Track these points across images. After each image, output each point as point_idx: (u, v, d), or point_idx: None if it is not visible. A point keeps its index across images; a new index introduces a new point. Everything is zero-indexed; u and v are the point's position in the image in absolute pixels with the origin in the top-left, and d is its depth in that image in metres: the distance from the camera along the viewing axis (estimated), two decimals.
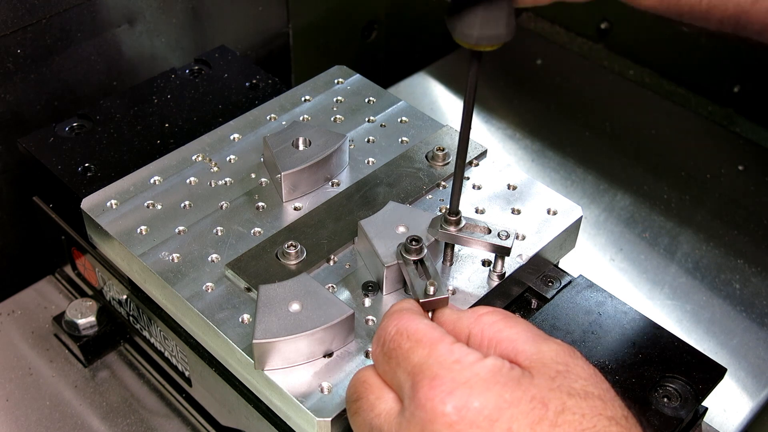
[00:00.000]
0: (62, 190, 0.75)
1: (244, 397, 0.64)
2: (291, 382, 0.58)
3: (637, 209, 1.03)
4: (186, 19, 0.95)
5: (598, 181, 1.06)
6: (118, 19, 0.88)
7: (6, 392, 0.79)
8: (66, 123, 0.80)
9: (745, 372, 0.86)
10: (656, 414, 0.61)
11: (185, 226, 0.69)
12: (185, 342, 0.68)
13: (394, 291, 0.64)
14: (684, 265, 0.97)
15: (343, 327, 0.59)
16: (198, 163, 0.75)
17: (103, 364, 0.81)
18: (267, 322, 0.58)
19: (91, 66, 0.88)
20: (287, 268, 0.65)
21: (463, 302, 0.64)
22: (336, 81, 0.84)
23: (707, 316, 0.91)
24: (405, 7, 1.21)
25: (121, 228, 0.69)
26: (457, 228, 0.63)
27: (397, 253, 0.62)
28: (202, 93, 0.85)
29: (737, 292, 0.93)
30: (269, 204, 0.71)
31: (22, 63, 0.82)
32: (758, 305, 0.92)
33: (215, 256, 0.66)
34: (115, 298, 0.77)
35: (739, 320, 0.91)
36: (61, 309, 0.82)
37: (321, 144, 0.72)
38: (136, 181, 0.73)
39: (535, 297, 0.70)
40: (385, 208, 0.67)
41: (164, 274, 0.65)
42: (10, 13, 0.79)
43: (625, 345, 0.66)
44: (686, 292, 0.94)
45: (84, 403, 0.78)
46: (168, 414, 0.78)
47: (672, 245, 0.99)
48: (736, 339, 0.89)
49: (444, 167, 0.74)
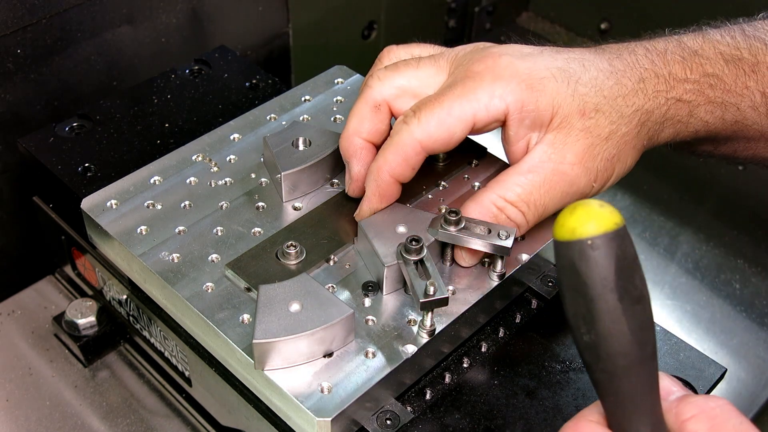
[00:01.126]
0: (62, 190, 0.75)
1: (244, 397, 0.64)
2: (291, 382, 0.58)
3: (637, 209, 1.03)
4: (186, 19, 0.95)
5: None
6: (118, 19, 0.88)
7: (6, 392, 0.79)
8: (66, 123, 0.80)
9: (745, 372, 0.86)
10: None
11: (185, 226, 0.69)
12: (185, 342, 0.68)
13: (394, 291, 0.64)
14: (684, 265, 0.97)
15: (343, 327, 0.59)
16: (198, 163, 0.75)
17: (103, 364, 0.81)
18: (267, 322, 0.58)
19: (91, 66, 0.88)
20: (287, 268, 0.65)
21: (463, 302, 0.64)
22: (336, 81, 0.84)
23: (707, 316, 0.91)
24: (405, 7, 1.21)
25: (121, 228, 0.69)
26: (457, 228, 0.63)
27: (397, 253, 0.62)
28: (202, 93, 0.85)
29: (737, 292, 0.93)
30: (269, 204, 0.71)
31: (22, 63, 0.82)
32: (758, 305, 0.92)
33: (215, 256, 0.66)
34: (115, 298, 0.77)
35: (739, 320, 0.91)
36: (61, 309, 0.82)
37: (321, 144, 0.72)
38: (136, 181, 0.73)
39: (535, 297, 0.70)
40: (385, 208, 0.67)
41: (164, 274, 0.65)
42: (10, 13, 0.79)
43: None
44: (686, 292, 0.94)
45: (84, 403, 0.78)
46: (168, 414, 0.78)
47: (672, 245, 0.99)
48: (736, 339, 0.89)
49: (444, 167, 0.74)
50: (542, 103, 0.63)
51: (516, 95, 0.63)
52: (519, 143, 0.65)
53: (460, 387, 0.63)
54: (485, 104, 0.63)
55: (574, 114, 0.63)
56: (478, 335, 0.67)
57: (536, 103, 0.63)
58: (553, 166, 0.63)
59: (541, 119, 0.64)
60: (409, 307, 0.63)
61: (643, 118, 0.65)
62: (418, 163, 0.65)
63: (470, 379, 0.64)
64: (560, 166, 0.63)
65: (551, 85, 0.63)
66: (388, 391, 0.61)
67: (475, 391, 0.63)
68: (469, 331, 0.66)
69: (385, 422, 0.60)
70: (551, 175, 0.63)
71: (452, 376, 0.64)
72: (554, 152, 0.63)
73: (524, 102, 0.63)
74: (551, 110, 0.63)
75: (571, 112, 0.63)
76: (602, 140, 0.64)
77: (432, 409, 0.61)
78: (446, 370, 0.65)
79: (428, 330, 0.61)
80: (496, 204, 0.64)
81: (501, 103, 0.63)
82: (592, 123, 0.64)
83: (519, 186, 0.64)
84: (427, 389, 0.63)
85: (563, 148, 0.63)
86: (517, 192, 0.64)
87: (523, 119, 0.63)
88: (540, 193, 0.64)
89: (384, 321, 0.62)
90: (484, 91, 0.63)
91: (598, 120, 0.64)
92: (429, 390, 0.63)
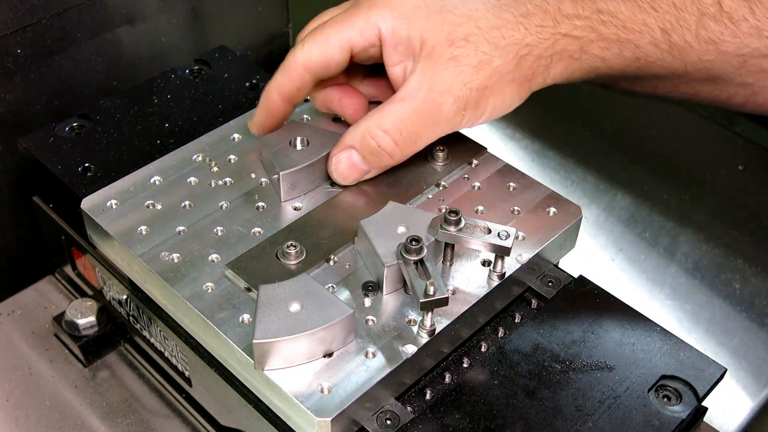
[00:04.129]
0: (62, 190, 0.75)
1: (244, 397, 0.64)
2: (291, 382, 0.58)
3: (637, 209, 1.03)
4: (186, 19, 0.95)
5: (598, 181, 1.06)
6: (118, 19, 0.88)
7: (6, 392, 0.79)
8: (66, 123, 0.80)
9: (745, 372, 0.86)
10: (656, 414, 0.61)
11: (185, 226, 0.69)
12: (185, 342, 0.68)
13: (394, 291, 0.64)
14: (684, 265, 0.97)
15: (343, 327, 0.59)
16: (198, 163, 0.75)
17: (103, 364, 0.81)
18: (267, 322, 0.58)
19: (91, 66, 0.88)
20: (287, 268, 0.65)
21: (463, 302, 0.64)
22: None
23: (707, 316, 0.91)
24: None
25: (121, 228, 0.69)
26: (457, 228, 0.63)
27: (397, 253, 0.62)
28: (202, 93, 0.85)
29: (737, 292, 0.93)
30: (269, 204, 0.71)
31: (22, 63, 0.82)
32: (758, 305, 0.92)
33: (215, 256, 0.66)
34: (115, 298, 0.77)
35: (739, 320, 0.91)
36: (61, 309, 0.82)
37: (319, 144, 0.72)
38: (136, 181, 0.73)
39: (535, 297, 0.70)
40: (385, 208, 0.67)
41: (164, 274, 0.65)
42: (10, 13, 0.79)
43: (625, 345, 0.66)
44: (686, 292, 0.94)
45: (84, 403, 0.78)
46: (168, 414, 0.78)
47: (672, 245, 0.99)
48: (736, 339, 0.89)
49: (444, 167, 0.74)
50: (412, 32, 0.67)
51: (388, 22, 0.67)
52: (395, 69, 0.69)
53: (460, 387, 0.63)
54: (359, 30, 0.68)
55: (443, 42, 0.66)
56: (478, 335, 0.67)
57: (406, 30, 0.67)
58: (424, 94, 0.66)
59: (412, 47, 0.67)
60: (409, 307, 0.63)
61: (522, 52, 0.67)
62: (304, 83, 0.70)
63: (470, 379, 0.64)
64: (430, 94, 0.66)
65: (422, 13, 0.67)
66: (388, 391, 0.61)
67: (475, 391, 0.63)
68: (469, 331, 0.66)
69: (385, 422, 0.60)
70: (422, 103, 0.67)
71: (452, 376, 0.64)
72: (425, 80, 0.66)
73: (395, 28, 0.67)
74: (419, 38, 0.67)
75: (439, 41, 0.66)
76: (471, 69, 0.66)
77: (432, 409, 0.61)
78: (446, 370, 0.65)
79: (428, 330, 0.61)
80: (371, 132, 0.68)
81: (373, 28, 0.67)
82: (461, 52, 0.66)
83: (394, 113, 0.67)
84: (427, 389, 0.63)
85: (433, 76, 0.66)
86: (392, 119, 0.67)
87: (396, 45, 0.67)
88: (412, 120, 0.67)
89: (384, 321, 0.62)
90: (359, 18, 0.68)
91: (467, 49, 0.66)
92: (429, 390, 0.63)
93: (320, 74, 0.70)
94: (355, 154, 0.70)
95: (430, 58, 0.66)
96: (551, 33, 0.67)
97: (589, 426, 0.60)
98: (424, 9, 0.67)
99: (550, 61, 0.68)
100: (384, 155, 0.69)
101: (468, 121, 0.68)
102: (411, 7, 0.67)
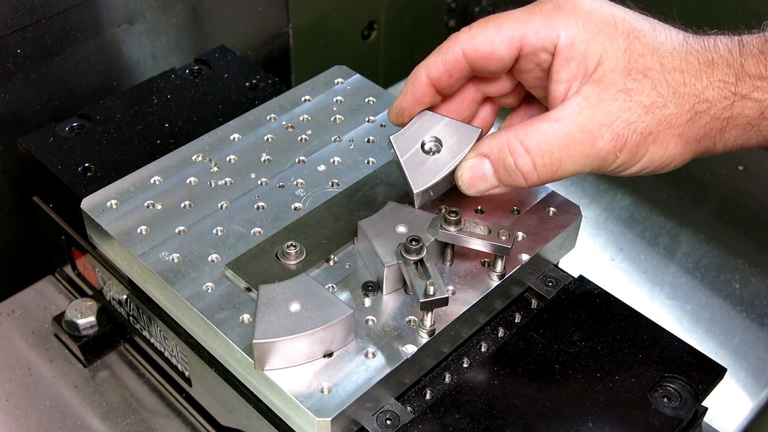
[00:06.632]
0: (62, 190, 0.76)
1: (244, 397, 0.64)
2: (291, 382, 0.58)
3: (637, 209, 1.03)
4: (186, 19, 0.95)
5: (598, 181, 1.06)
6: (118, 19, 0.88)
7: (6, 392, 0.79)
8: (66, 123, 0.80)
9: (745, 372, 0.86)
10: (656, 414, 0.61)
11: (185, 226, 0.69)
12: (185, 342, 0.68)
13: (394, 291, 0.64)
14: (684, 265, 0.97)
15: (343, 327, 0.59)
16: (198, 163, 0.75)
17: (103, 364, 0.81)
18: (267, 322, 0.58)
19: (91, 66, 0.88)
20: (287, 268, 0.65)
21: (463, 302, 0.64)
22: (336, 81, 0.84)
23: (707, 316, 0.91)
24: (405, 7, 1.21)
25: (121, 228, 0.69)
26: (457, 228, 0.63)
27: (397, 253, 0.62)
28: (202, 93, 0.85)
29: (737, 292, 0.93)
30: (269, 204, 0.71)
31: (22, 63, 0.82)
32: (758, 305, 0.92)
33: (215, 256, 0.66)
34: (115, 298, 0.77)
35: (739, 320, 0.91)
36: (61, 309, 0.82)
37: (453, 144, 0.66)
38: (136, 181, 0.73)
39: (535, 297, 0.70)
40: (385, 208, 0.67)
41: (164, 274, 0.65)
42: (10, 13, 0.79)
43: (625, 345, 0.66)
44: (686, 292, 0.94)
45: (84, 403, 0.78)
46: (168, 414, 0.78)
47: (672, 245, 0.99)
48: (736, 339, 0.89)
49: None
50: (591, 50, 0.60)
51: (571, 31, 0.60)
52: (560, 86, 0.61)
53: (460, 387, 0.63)
54: (536, 29, 0.61)
55: (619, 70, 0.59)
56: (478, 335, 0.67)
57: (586, 46, 0.60)
58: (581, 122, 0.59)
59: (586, 65, 0.60)
60: (409, 307, 0.63)
61: (699, 107, 0.59)
62: (458, 72, 0.63)
63: (470, 379, 0.64)
64: (589, 123, 0.59)
65: (608, 31, 0.60)
66: (388, 391, 0.61)
67: (475, 391, 0.63)
68: (469, 331, 0.66)
69: (385, 422, 0.60)
70: (576, 130, 0.59)
71: (452, 376, 0.64)
72: (587, 106, 0.59)
73: (575, 40, 0.60)
74: (597, 59, 0.59)
75: (615, 67, 0.59)
76: (641, 108, 0.59)
77: (432, 409, 0.61)
78: (446, 370, 0.65)
79: (428, 330, 0.61)
80: (510, 145, 0.61)
81: (552, 32, 0.60)
82: (636, 86, 0.59)
83: (542, 134, 0.60)
84: (427, 389, 0.63)
85: (597, 104, 0.59)
86: (538, 139, 0.60)
87: (569, 60, 0.60)
88: (560, 146, 0.60)
89: (384, 321, 0.62)
90: (540, 18, 0.61)
91: (643, 85, 0.59)
92: (429, 390, 0.63)
93: (478, 68, 0.63)
94: (487, 165, 0.63)
95: (600, 83, 0.59)
96: (731, 92, 0.59)
97: (589, 426, 0.60)
98: (611, 27, 0.60)
99: (725, 124, 0.60)
100: (518, 176, 0.62)
101: (620, 165, 0.61)
102: (598, 21, 0.60)
